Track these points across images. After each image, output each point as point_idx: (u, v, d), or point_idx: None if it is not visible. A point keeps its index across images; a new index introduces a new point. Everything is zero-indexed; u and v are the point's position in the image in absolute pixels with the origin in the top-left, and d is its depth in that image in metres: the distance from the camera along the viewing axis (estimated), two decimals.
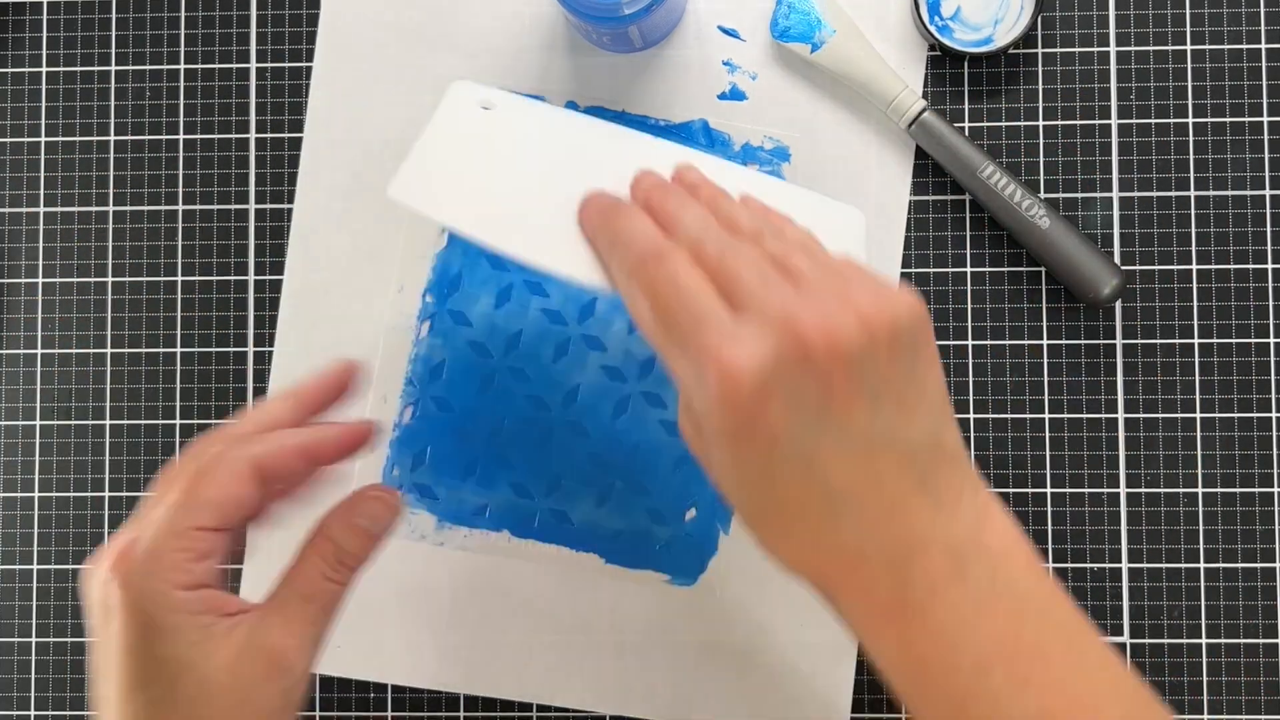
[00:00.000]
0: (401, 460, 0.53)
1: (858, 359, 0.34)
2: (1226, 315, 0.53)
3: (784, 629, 0.52)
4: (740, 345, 0.34)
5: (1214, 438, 0.53)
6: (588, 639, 0.53)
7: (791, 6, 0.52)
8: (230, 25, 0.55)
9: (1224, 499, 0.53)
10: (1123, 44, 0.53)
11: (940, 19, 0.53)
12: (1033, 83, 0.54)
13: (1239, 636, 0.52)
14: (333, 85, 0.54)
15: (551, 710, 0.53)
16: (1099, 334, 0.53)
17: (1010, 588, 0.35)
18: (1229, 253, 0.53)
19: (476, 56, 0.54)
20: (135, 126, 0.55)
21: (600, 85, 0.54)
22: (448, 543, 0.53)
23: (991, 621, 0.35)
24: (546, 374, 0.53)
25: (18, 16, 0.56)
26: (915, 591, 0.35)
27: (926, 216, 0.53)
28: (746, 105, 0.53)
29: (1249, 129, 0.53)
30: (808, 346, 0.34)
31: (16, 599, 0.54)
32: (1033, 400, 0.53)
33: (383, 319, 0.54)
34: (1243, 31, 0.53)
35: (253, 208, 0.55)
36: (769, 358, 0.34)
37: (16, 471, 0.55)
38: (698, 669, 0.52)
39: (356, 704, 0.53)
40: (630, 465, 0.53)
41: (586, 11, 0.48)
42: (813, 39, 0.52)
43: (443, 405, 0.53)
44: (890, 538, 0.35)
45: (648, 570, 0.53)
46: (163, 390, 0.54)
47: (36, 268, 0.55)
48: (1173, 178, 0.53)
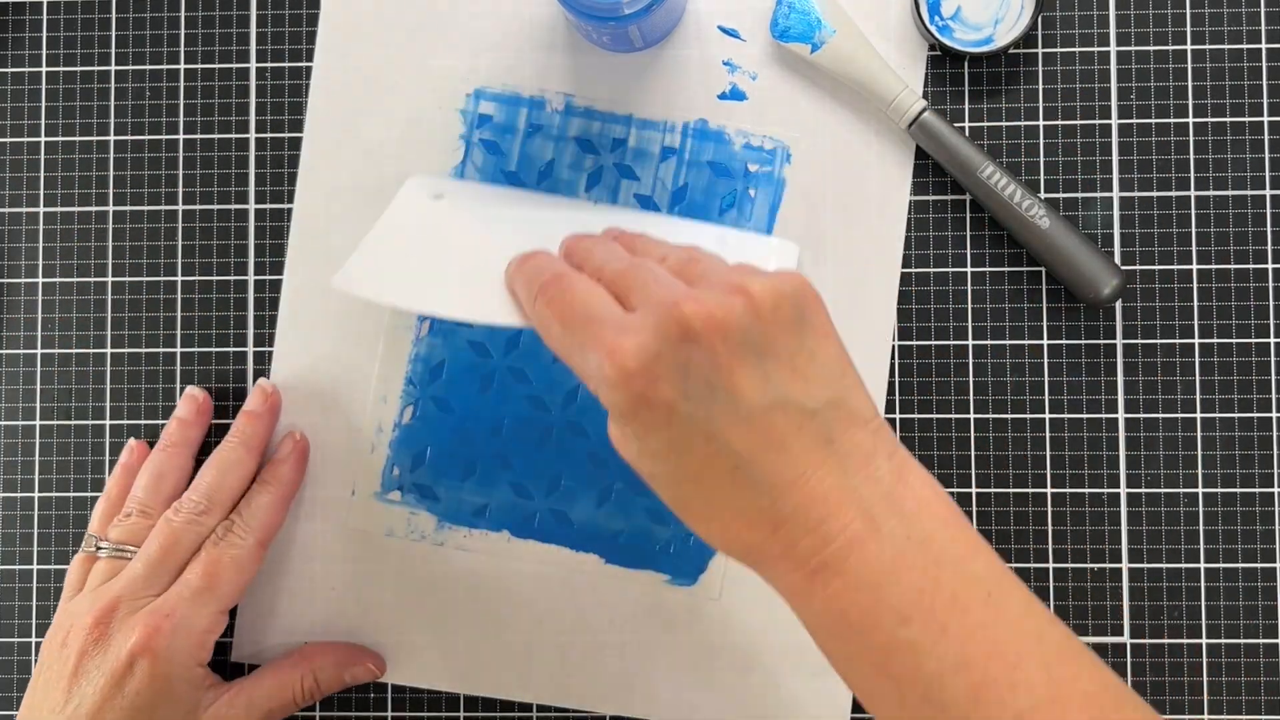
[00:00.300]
0: (401, 460, 0.53)
1: (739, 330, 0.36)
2: (1226, 315, 0.53)
3: (784, 629, 0.52)
4: (627, 333, 0.37)
5: (1214, 438, 0.53)
6: (588, 639, 0.53)
7: (791, 6, 0.52)
8: (230, 25, 0.55)
9: (1224, 499, 0.52)
10: (1123, 44, 0.53)
11: (940, 19, 0.53)
12: (1033, 83, 0.54)
13: (1239, 636, 0.52)
14: (333, 85, 0.54)
15: (551, 710, 0.53)
16: (1099, 334, 0.53)
17: (926, 543, 0.36)
18: (1229, 253, 0.53)
19: (476, 56, 0.54)
20: (135, 126, 0.55)
21: (600, 85, 0.54)
22: (448, 543, 0.53)
23: (909, 575, 0.36)
24: (546, 374, 0.53)
25: (18, 16, 0.56)
26: (833, 548, 0.36)
27: (926, 216, 0.53)
28: (746, 105, 0.53)
29: (1249, 129, 0.53)
30: (688, 323, 0.36)
31: (16, 599, 0.54)
32: (1033, 400, 0.53)
33: (383, 319, 0.54)
34: (1243, 31, 0.53)
35: (253, 208, 0.55)
36: (652, 337, 0.36)
37: (16, 471, 0.55)
38: (698, 669, 0.52)
39: (356, 704, 0.53)
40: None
41: (586, 11, 0.48)
42: (813, 39, 0.52)
43: (442, 405, 0.53)
44: (804, 498, 0.36)
45: (648, 570, 0.53)
46: (163, 390, 0.54)
47: (36, 268, 0.55)
48: (1173, 178, 0.53)
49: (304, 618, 0.53)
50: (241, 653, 0.53)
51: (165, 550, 0.48)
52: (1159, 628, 0.52)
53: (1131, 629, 0.52)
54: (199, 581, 0.47)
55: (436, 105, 0.54)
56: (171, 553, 0.48)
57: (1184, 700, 0.52)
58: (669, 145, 0.53)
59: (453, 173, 0.54)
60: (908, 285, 0.53)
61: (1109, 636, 0.52)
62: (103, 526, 0.51)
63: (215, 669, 0.51)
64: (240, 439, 0.51)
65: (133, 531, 0.49)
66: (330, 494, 0.53)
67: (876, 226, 0.53)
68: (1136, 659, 0.52)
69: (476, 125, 0.54)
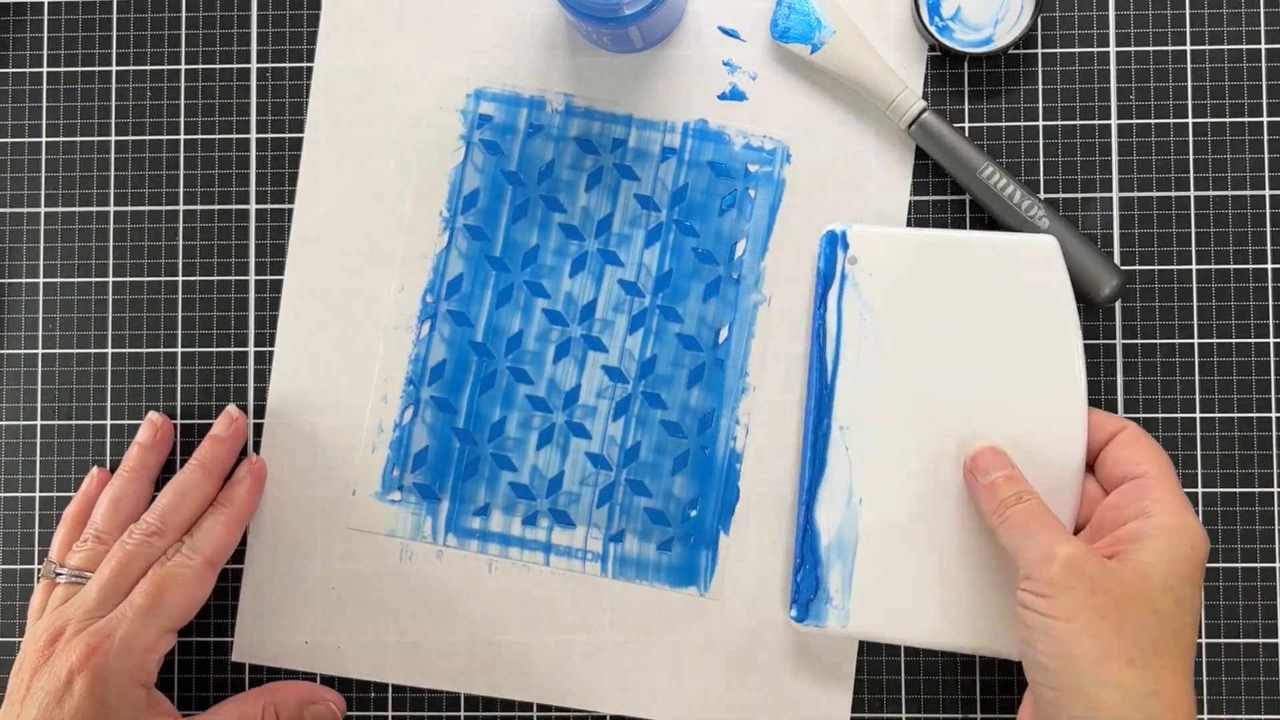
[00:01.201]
0: (401, 460, 0.53)
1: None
2: (1226, 315, 0.53)
3: (783, 629, 0.52)
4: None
5: (1214, 438, 0.53)
6: (588, 639, 0.53)
7: (791, 7, 0.52)
8: (230, 25, 0.55)
9: (1224, 499, 0.53)
10: (1123, 44, 0.53)
11: (940, 19, 0.53)
12: (1033, 83, 0.54)
13: (1239, 636, 0.52)
14: (333, 85, 0.54)
15: (552, 710, 0.53)
16: (1099, 334, 0.53)
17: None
18: (1229, 253, 0.53)
19: (476, 56, 0.54)
20: (135, 126, 0.55)
21: (600, 85, 0.54)
22: (448, 543, 0.53)
23: None
24: (548, 374, 0.53)
25: (18, 16, 0.56)
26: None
27: (927, 216, 0.53)
28: (747, 105, 0.53)
29: (1249, 129, 0.53)
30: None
31: (17, 599, 0.54)
32: None
33: (383, 319, 0.54)
34: (1243, 31, 0.53)
35: (253, 208, 0.55)
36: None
37: (17, 471, 0.55)
38: (698, 669, 0.52)
39: (357, 704, 0.53)
40: (630, 465, 0.53)
41: (587, 12, 0.48)
42: (812, 40, 0.52)
43: (443, 405, 0.53)
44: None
45: (648, 570, 0.53)
46: (163, 390, 0.54)
47: (37, 268, 0.55)
48: (1173, 178, 0.53)
49: (304, 618, 0.53)
50: (242, 653, 0.53)
51: (117, 572, 0.48)
52: None
53: None
54: (143, 601, 0.47)
55: (436, 105, 0.54)
56: (123, 575, 0.48)
57: None
58: (669, 145, 0.53)
59: (453, 172, 0.54)
60: None
61: None
62: (62, 553, 0.51)
63: (216, 668, 0.51)
64: (199, 462, 0.52)
65: (90, 557, 0.50)
66: (330, 494, 0.53)
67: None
68: None
69: (476, 125, 0.54)
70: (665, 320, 0.53)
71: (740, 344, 0.53)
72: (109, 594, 0.48)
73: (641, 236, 0.53)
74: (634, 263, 0.53)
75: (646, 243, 0.53)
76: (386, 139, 0.54)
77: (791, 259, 0.53)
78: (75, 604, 0.48)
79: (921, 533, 0.50)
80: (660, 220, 0.53)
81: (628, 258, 0.53)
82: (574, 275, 0.53)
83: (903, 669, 0.53)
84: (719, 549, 0.53)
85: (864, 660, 0.53)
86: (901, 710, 0.53)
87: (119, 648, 0.46)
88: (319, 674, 0.53)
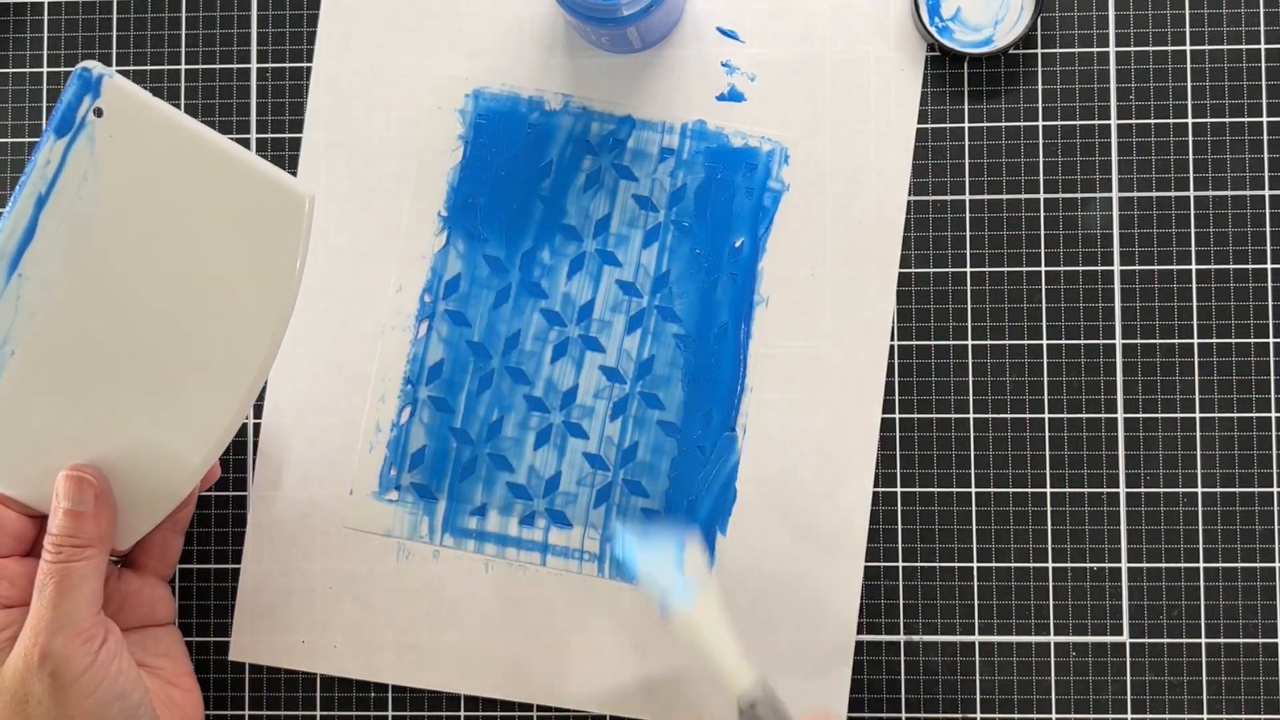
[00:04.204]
0: (399, 460, 0.53)
1: None
2: (1226, 315, 0.53)
3: (782, 629, 0.52)
4: None
5: (1214, 438, 0.53)
6: (587, 639, 0.53)
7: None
8: (230, 25, 0.55)
9: (1224, 499, 0.52)
10: (1123, 44, 0.53)
11: (940, 20, 0.53)
12: (1033, 83, 0.54)
13: (1239, 636, 0.52)
14: (333, 85, 0.54)
15: (551, 710, 0.53)
16: (1099, 334, 0.53)
17: None
18: (1229, 253, 0.53)
19: (476, 56, 0.54)
20: None
21: (599, 86, 0.54)
22: (445, 542, 0.53)
23: None
24: (545, 374, 0.53)
25: (18, 16, 0.56)
26: None
27: (926, 216, 0.53)
28: (745, 106, 0.53)
29: (1249, 129, 0.53)
30: None
31: None
32: (1032, 400, 0.53)
33: (380, 319, 0.54)
34: (1242, 32, 0.53)
35: None
36: None
37: None
38: (697, 669, 0.52)
39: (357, 704, 0.54)
40: (629, 465, 0.53)
41: (586, 12, 0.48)
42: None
43: (441, 405, 0.53)
44: None
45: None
46: None
47: None
48: (1172, 178, 0.53)
49: (302, 617, 0.53)
50: (239, 652, 0.53)
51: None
52: (1158, 627, 0.52)
53: (1131, 629, 0.52)
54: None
55: (436, 105, 0.54)
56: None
57: (1184, 700, 0.52)
58: (667, 146, 0.53)
59: (451, 172, 0.54)
60: (907, 285, 0.53)
61: (1109, 636, 0.52)
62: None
63: (215, 668, 0.51)
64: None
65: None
66: (328, 494, 0.54)
67: (875, 227, 0.53)
68: (1136, 659, 0.52)
69: (475, 125, 0.54)
70: (663, 321, 0.53)
71: (738, 344, 0.53)
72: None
73: (639, 237, 0.53)
74: (632, 263, 0.53)
75: (644, 243, 0.53)
76: (385, 139, 0.54)
77: (789, 260, 0.53)
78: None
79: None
80: (658, 221, 0.53)
81: (626, 258, 0.53)
82: (572, 275, 0.53)
83: (903, 669, 0.53)
84: (717, 549, 0.53)
85: (864, 660, 0.53)
86: (901, 710, 0.53)
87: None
88: (317, 673, 0.53)
